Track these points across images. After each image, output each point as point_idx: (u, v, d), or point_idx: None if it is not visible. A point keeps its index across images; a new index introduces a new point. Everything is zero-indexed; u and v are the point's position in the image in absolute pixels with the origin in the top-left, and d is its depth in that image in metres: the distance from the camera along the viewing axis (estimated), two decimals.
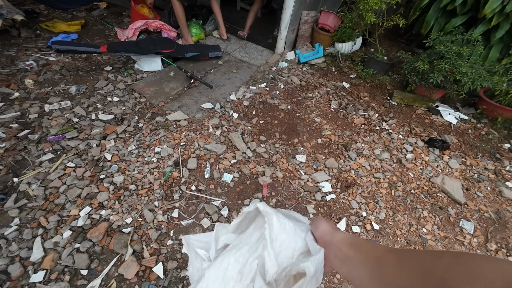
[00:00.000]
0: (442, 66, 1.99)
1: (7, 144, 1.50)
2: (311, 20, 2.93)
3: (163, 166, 1.54)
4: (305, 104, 2.23)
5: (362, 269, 0.31)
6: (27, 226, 1.19)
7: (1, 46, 2.28)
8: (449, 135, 2.01)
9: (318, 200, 1.51)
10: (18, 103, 1.78)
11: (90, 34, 2.79)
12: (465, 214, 1.52)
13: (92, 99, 1.92)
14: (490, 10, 2.02)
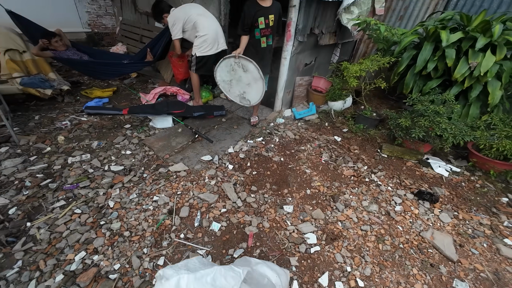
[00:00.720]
0: (422, 123, 2.15)
1: (30, 192, 1.75)
2: (305, 84, 3.36)
3: (157, 213, 1.68)
4: (297, 156, 2.40)
5: None
6: (27, 268, 1.31)
7: (46, 110, 2.81)
8: (440, 187, 2.02)
9: (302, 252, 1.52)
10: (48, 156, 2.12)
11: (119, 98, 3.35)
12: (459, 273, 1.43)
13: (109, 152, 2.23)
14: (460, 75, 2.26)
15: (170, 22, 2.57)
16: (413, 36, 2.52)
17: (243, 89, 2.44)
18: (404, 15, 3.74)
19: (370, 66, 2.58)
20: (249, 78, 2.35)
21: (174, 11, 2.60)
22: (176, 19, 2.53)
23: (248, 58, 2.22)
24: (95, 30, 5.71)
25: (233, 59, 2.30)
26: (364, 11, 2.97)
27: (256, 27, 2.17)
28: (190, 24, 2.56)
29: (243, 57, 2.26)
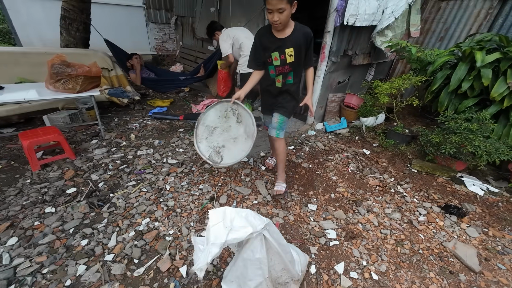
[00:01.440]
0: (453, 139, 2.19)
1: (112, 172, 2.32)
2: (338, 100, 3.57)
3: (202, 198, 2.06)
4: (325, 164, 2.60)
5: None
6: (110, 224, 1.78)
7: (122, 114, 3.56)
8: (472, 204, 2.01)
9: (322, 244, 1.71)
10: (123, 148, 2.73)
11: (175, 107, 4.02)
12: (480, 283, 1.45)
13: (166, 149, 2.76)
14: (497, 94, 2.26)
15: (221, 39, 3.11)
16: (447, 56, 2.60)
17: (224, 143, 2.00)
18: (445, 36, 3.75)
19: (402, 84, 2.70)
20: (239, 132, 1.95)
21: (226, 30, 3.15)
22: (226, 36, 3.07)
23: (248, 110, 1.90)
24: (159, 53, 6.85)
25: (231, 104, 1.96)
26: (398, 34, 3.14)
27: (270, 64, 1.71)
28: (237, 43, 3.07)
29: (241, 106, 1.92)
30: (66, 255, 1.53)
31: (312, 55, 1.70)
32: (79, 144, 2.75)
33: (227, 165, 1.81)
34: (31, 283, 1.36)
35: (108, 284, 1.38)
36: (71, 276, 1.40)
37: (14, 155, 2.49)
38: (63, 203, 1.91)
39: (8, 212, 1.80)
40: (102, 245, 1.61)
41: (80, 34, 3.82)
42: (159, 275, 1.45)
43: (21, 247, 1.55)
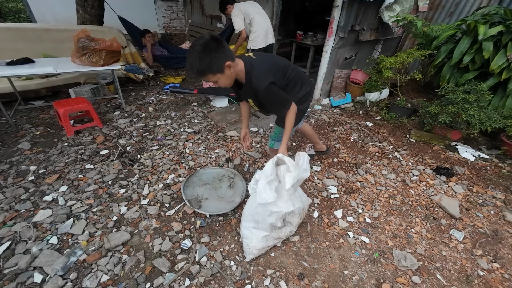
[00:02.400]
0: (450, 109, 2.35)
1: (137, 139, 2.59)
2: (344, 76, 3.70)
3: (218, 160, 2.32)
4: (329, 135, 2.81)
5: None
6: (142, 178, 2.07)
7: (138, 90, 3.79)
8: (460, 167, 2.22)
9: (324, 196, 1.97)
10: (144, 119, 2.99)
11: (187, 84, 4.21)
12: (458, 226, 1.70)
13: (183, 120, 3.00)
14: (497, 67, 2.37)
15: (233, 14, 3.13)
16: (451, 30, 2.68)
17: (208, 197, 1.87)
18: (455, 11, 3.75)
19: (406, 58, 2.82)
20: (227, 195, 1.90)
21: (237, 5, 3.16)
22: (238, 11, 3.05)
23: (243, 182, 1.94)
24: (168, 31, 6.90)
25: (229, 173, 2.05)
26: (406, 8, 3.18)
27: None
28: (248, 19, 3.12)
29: (239, 176, 2.00)
30: (109, 199, 1.84)
31: (275, 107, 1.39)
32: (103, 115, 3.01)
33: (201, 213, 1.72)
34: (86, 218, 1.67)
35: (147, 220, 1.68)
36: (116, 214, 1.71)
37: (49, 123, 2.78)
38: (99, 162, 2.21)
39: (55, 167, 2.11)
40: (138, 193, 1.91)
41: (95, 11, 3.96)
42: (187, 215, 1.75)
43: (72, 193, 1.86)
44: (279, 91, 1.28)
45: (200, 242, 1.55)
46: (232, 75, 1.21)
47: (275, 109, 1.43)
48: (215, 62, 1.10)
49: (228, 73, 1.17)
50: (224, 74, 1.16)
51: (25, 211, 1.69)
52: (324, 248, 1.56)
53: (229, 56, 1.14)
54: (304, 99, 1.57)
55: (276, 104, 1.34)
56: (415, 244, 1.59)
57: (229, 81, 1.23)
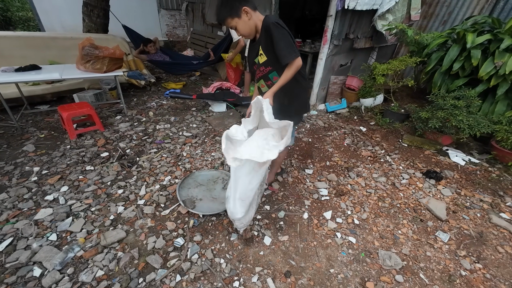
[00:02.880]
0: (439, 114, 2.42)
1: (136, 142, 2.68)
2: (339, 82, 3.79)
3: (214, 163, 2.40)
4: (323, 139, 2.88)
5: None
6: (139, 180, 2.15)
7: (140, 95, 3.91)
8: (450, 171, 2.26)
9: (315, 198, 2.03)
10: (144, 123, 3.09)
11: (187, 89, 4.34)
12: (444, 227, 1.75)
13: (181, 124, 3.10)
14: (485, 73, 2.44)
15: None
16: (441, 39, 2.77)
17: (202, 198, 1.92)
18: (448, 20, 3.85)
19: (398, 65, 2.90)
20: (220, 196, 1.95)
21: None
22: None
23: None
24: (170, 39, 7.10)
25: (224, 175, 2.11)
26: (399, 17, 3.28)
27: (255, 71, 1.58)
28: None
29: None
30: (107, 199, 1.91)
31: (281, 45, 1.29)
32: (105, 119, 3.12)
33: (195, 213, 1.78)
34: (84, 216, 1.75)
35: (142, 219, 1.75)
36: (114, 213, 1.79)
37: (53, 127, 2.89)
38: (99, 164, 2.30)
39: (57, 168, 2.20)
40: (135, 194, 1.99)
41: (101, 20, 4.13)
42: (181, 215, 1.81)
43: (72, 193, 1.95)
44: (288, 34, 1.30)
45: (192, 240, 1.62)
46: (250, 22, 1.33)
47: (284, 50, 1.29)
48: (232, 6, 1.28)
49: (245, 18, 1.31)
50: (241, 19, 1.31)
51: (28, 209, 1.78)
52: (312, 247, 1.61)
53: (248, 3, 1.29)
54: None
55: (285, 42, 1.28)
56: (400, 244, 1.64)
57: (247, 29, 1.34)
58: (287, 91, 1.48)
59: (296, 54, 1.31)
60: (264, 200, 1.99)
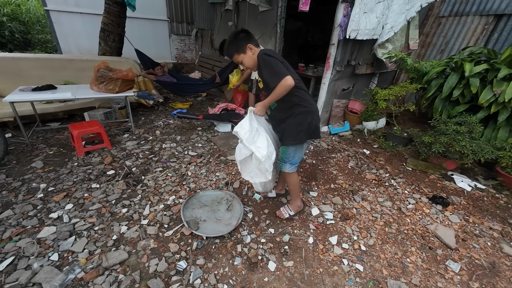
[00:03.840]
0: (442, 139, 2.44)
1: (142, 160, 2.72)
2: (342, 106, 3.88)
3: (218, 183, 2.41)
4: (327, 161, 2.90)
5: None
6: (144, 199, 2.15)
7: (148, 114, 4.03)
8: (457, 197, 2.23)
9: (320, 222, 2.00)
10: (151, 142, 3.15)
11: (193, 110, 4.46)
12: (454, 256, 1.69)
13: (187, 144, 3.16)
14: (485, 100, 2.50)
15: None
16: (440, 67, 2.88)
17: (206, 219, 1.93)
18: (445, 49, 4.02)
19: (399, 91, 2.99)
20: (224, 217, 1.95)
21: None
22: None
23: (241, 206, 2.01)
24: (179, 61, 7.44)
25: (228, 196, 2.14)
26: (398, 46, 3.45)
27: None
28: None
29: (237, 200, 2.08)
30: (111, 218, 1.91)
31: (266, 73, 1.44)
32: (113, 137, 3.19)
33: (199, 234, 1.78)
34: (87, 236, 1.73)
35: (145, 240, 1.73)
36: (116, 233, 1.77)
37: (62, 144, 2.96)
38: (105, 181, 2.32)
39: (63, 185, 2.22)
40: (138, 213, 1.98)
41: (116, 44, 4.39)
42: (184, 236, 1.79)
43: (76, 211, 1.95)
44: (275, 61, 1.41)
45: (195, 264, 1.58)
46: (253, 56, 1.52)
47: (268, 77, 1.44)
48: (239, 44, 1.51)
49: (249, 54, 1.52)
50: (246, 54, 1.52)
51: (31, 227, 1.77)
52: (318, 274, 1.56)
53: (252, 42, 1.52)
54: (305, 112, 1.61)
55: (269, 71, 1.42)
56: (410, 274, 1.58)
57: (252, 62, 1.54)
58: (285, 111, 1.62)
59: (277, 78, 1.39)
60: (269, 223, 1.96)
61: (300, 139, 1.64)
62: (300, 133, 1.62)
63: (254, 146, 1.57)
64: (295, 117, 1.60)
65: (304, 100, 1.59)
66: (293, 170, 1.78)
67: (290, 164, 1.75)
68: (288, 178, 1.85)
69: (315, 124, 1.65)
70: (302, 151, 1.75)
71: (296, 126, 1.61)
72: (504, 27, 3.38)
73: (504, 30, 3.38)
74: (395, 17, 3.21)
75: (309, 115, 1.60)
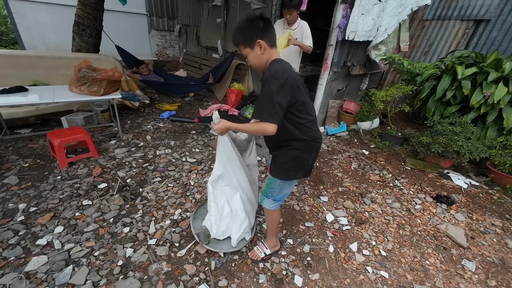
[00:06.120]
0: (441, 140, 2.55)
1: (137, 170, 2.47)
2: (337, 106, 3.92)
3: None
4: (330, 163, 2.89)
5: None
6: (146, 215, 1.94)
7: (134, 117, 3.71)
8: (457, 194, 2.35)
9: (336, 228, 1.96)
10: (143, 148, 2.89)
11: (182, 111, 4.21)
12: (468, 255, 1.76)
13: (183, 149, 2.95)
14: (476, 102, 2.66)
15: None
16: (433, 69, 3.01)
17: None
18: (429, 51, 4.24)
19: (395, 92, 3.07)
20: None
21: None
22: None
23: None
24: (160, 59, 7.01)
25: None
26: (390, 48, 3.55)
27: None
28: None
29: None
30: (112, 240, 1.69)
31: (260, 100, 1.16)
32: (98, 144, 2.87)
33: (214, 251, 1.65)
34: (87, 263, 1.51)
35: (157, 263, 1.55)
36: (122, 257, 1.57)
37: (38, 154, 2.59)
38: (97, 197, 2.06)
39: (47, 204, 1.93)
40: (143, 232, 1.78)
41: (93, 39, 3.96)
42: (199, 255, 1.64)
43: (69, 234, 1.69)
44: (283, 93, 1.10)
45: (217, 286, 1.45)
46: (261, 57, 1.20)
47: (258, 106, 1.17)
48: (248, 35, 1.17)
49: (257, 51, 1.19)
50: (253, 50, 1.19)
51: (15, 258, 1.50)
52: (346, 286, 1.52)
53: (265, 37, 1.17)
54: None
55: (264, 101, 1.12)
56: (432, 277, 1.60)
57: (257, 62, 1.22)
58: (283, 138, 1.27)
59: (262, 115, 1.12)
60: (286, 233, 1.88)
61: (288, 175, 1.34)
62: (290, 169, 1.32)
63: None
64: (290, 150, 1.29)
65: (309, 131, 1.26)
66: (275, 208, 1.48)
67: (274, 201, 1.45)
68: (268, 214, 1.54)
69: (311, 163, 1.35)
70: (289, 188, 1.45)
71: (288, 160, 1.30)
72: (482, 31, 3.63)
73: (482, 34, 3.63)
74: (389, 19, 3.28)
75: (307, 151, 1.30)
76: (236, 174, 1.58)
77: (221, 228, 1.67)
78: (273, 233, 1.63)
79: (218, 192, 1.69)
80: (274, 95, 1.09)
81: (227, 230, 1.68)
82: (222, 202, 1.68)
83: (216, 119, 1.28)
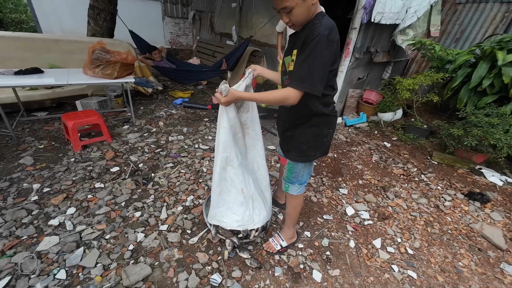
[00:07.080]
0: (475, 132, 2.32)
1: (149, 155, 2.42)
2: (356, 96, 3.70)
3: None
4: (349, 155, 2.72)
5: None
6: (158, 200, 1.89)
7: (147, 104, 3.67)
8: (492, 192, 2.14)
9: (357, 223, 1.83)
10: (155, 134, 2.84)
11: (195, 98, 4.13)
12: (507, 258, 1.58)
13: (196, 136, 2.87)
14: None
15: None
16: (468, 55, 2.73)
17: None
18: (460, 38, 3.89)
19: (424, 80, 2.83)
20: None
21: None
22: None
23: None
24: (174, 47, 6.94)
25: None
26: (419, 33, 3.26)
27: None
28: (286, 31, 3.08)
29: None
30: (123, 224, 1.64)
31: (301, 66, 0.97)
32: (112, 129, 2.85)
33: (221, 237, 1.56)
34: (98, 246, 1.47)
35: (168, 250, 1.49)
36: (133, 242, 1.51)
37: (53, 136, 2.59)
38: (110, 180, 2.02)
39: (61, 185, 1.91)
40: (155, 217, 1.72)
41: (107, 24, 3.92)
42: (211, 243, 1.56)
43: (81, 216, 1.66)
44: (328, 57, 0.95)
45: (230, 277, 1.37)
46: (311, 8, 0.97)
47: (303, 69, 0.96)
48: None
49: (309, 2, 0.95)
50: (305, 2, 0.94)
51: (28, 237, 1.48)
52: (369, 284, 1.40)
53: None
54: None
55: (302, 63, 0.96)
56: (467, 280, 1.45)
57: (305, 15, 0.97)
58: (301, 114, 1.16)
59: (305, 86, 0.96)
60: (302, 225, 1.77)
61: (308, 156, 1.24)
62: (310, 149, 1.22)
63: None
64: (309, 128, 1.17)
65: (331, 105, 1.16)
66: (302, 191, 1.38)
67: (299, 185, 1.36)
68: (292, 200, 1.43)
69: (329, 139, 1.25)
70: (311, 167, 1.36)
71: (307, 139, 1.20)
72: None
73: None
74: (420, 0, 3.00)
75: (326, 127, 1.19)
76: (243, 155, 1.42)
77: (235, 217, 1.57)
78: (292, 222, 1.52)
79: (228, 181, 1.42)
80: (327, 62, 0.95)
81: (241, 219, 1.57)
82: (234, 190, 1.52)
83: (225, 91, 1.05)
